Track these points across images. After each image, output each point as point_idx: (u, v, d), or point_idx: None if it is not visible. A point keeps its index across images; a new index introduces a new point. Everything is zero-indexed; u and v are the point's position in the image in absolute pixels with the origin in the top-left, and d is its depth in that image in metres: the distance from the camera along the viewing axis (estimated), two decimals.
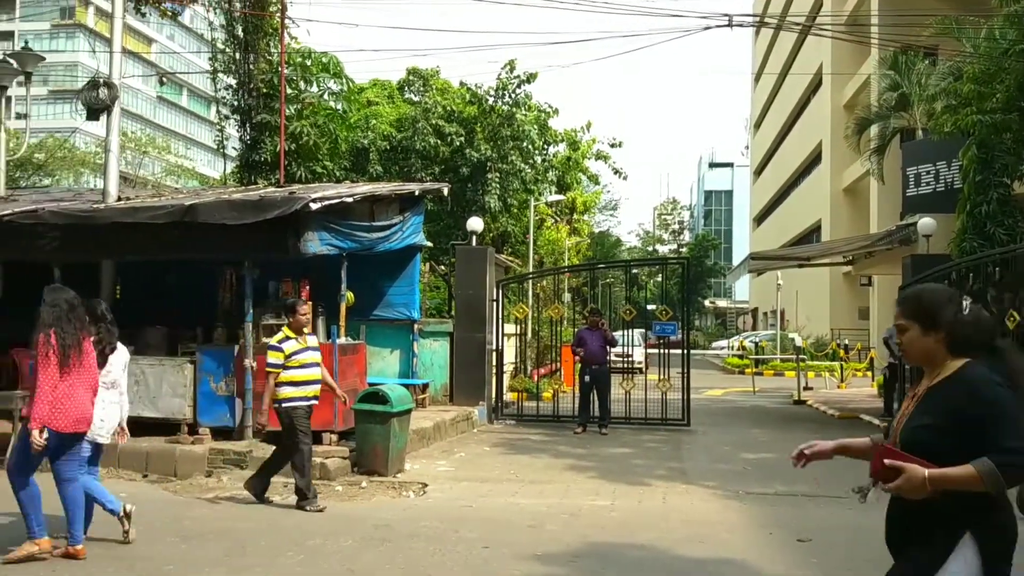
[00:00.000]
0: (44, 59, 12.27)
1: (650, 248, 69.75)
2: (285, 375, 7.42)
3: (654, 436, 12.39)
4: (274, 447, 8.73)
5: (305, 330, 7.75)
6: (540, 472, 9.43)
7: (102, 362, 6.18)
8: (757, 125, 55.73)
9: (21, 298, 11.50)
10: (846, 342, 26.50)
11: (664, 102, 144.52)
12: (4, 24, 60.54)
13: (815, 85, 36.43)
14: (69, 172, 37.70)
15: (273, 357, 7.44)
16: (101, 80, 9.88)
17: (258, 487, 7.66)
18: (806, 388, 19.77)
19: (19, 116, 35.99)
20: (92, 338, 6.04)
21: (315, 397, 7.67)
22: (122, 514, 6.10)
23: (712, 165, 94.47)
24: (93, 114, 9.98)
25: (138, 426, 9.34)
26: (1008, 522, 2.69)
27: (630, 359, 14.50)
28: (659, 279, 31.97)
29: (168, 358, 9.63)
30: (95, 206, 9.70)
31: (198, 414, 9.38)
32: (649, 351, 18.58)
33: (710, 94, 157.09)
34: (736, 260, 65.35)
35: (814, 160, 37.66)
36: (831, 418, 15.46)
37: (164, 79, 47.88)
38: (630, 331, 14.85)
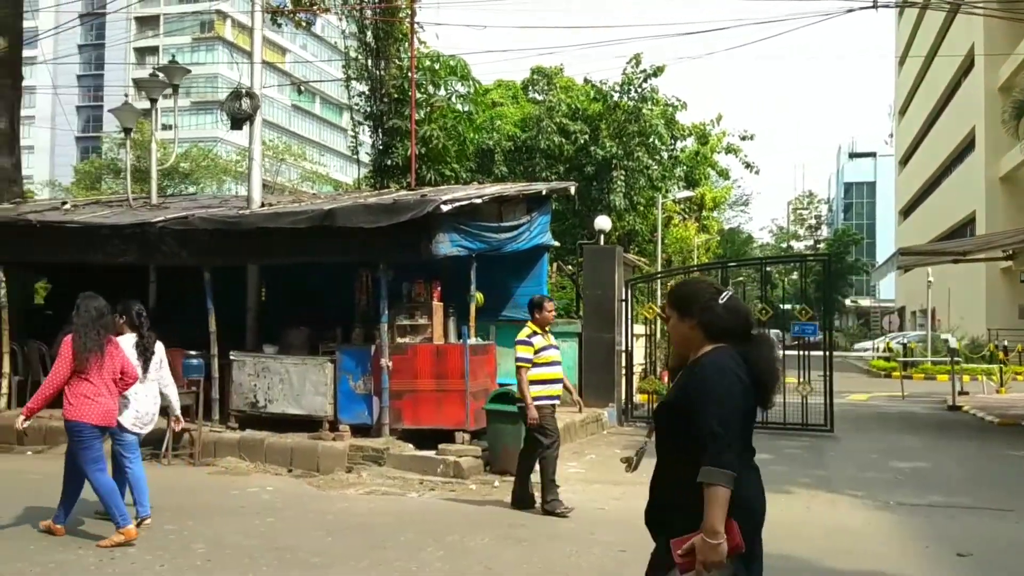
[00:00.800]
0: (190, 71, 13.00)
1: (784, 245, 67.04)
2: (530, 373, 7.21)
3: (794, 442, 11.82)
4: (411, 444, 8.91)
5: (547, 328, 7.55)
6: None
7: (146, 360, 6.63)
8: (902, 111, 52.57)
9: (171, 301, 12.32)
10: (1005, 343, 24.51)
11: (800, 90, 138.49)
12: (149, 40, 65.16)
13: (966, 67, 34.02)
14: (212, 180, 40.15)
15: (523, 351, 7.25)
16: (243, 91, 10.35)
17: (524, 497, 7.41)
18: (961, 393, 18.38)
19: (165, 127, 38.50)
20: (134, 339, 6.62)
21: (559, 396, 7.46)
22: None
23: (853, 155, 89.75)
24: (236, 124, 10.47)
25: (283, 422, 9.81)
26: (748, 495, 2.86)
27: None
28: (794, 277, 30.70)
29: (310, 357, 9.98)
30: (241, 212, 10.19)
31: (338, 411, 9.67)
32: (786, 353, 17.79)
33: (850, 80, 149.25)
34: (880, 256, 61.86)
35: (966, 147, 35.22)
36: (991, 425, 14.31)
37: (301, 88, 50.17)
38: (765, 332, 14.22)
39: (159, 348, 6.87)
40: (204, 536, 6.34)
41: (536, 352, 7.23)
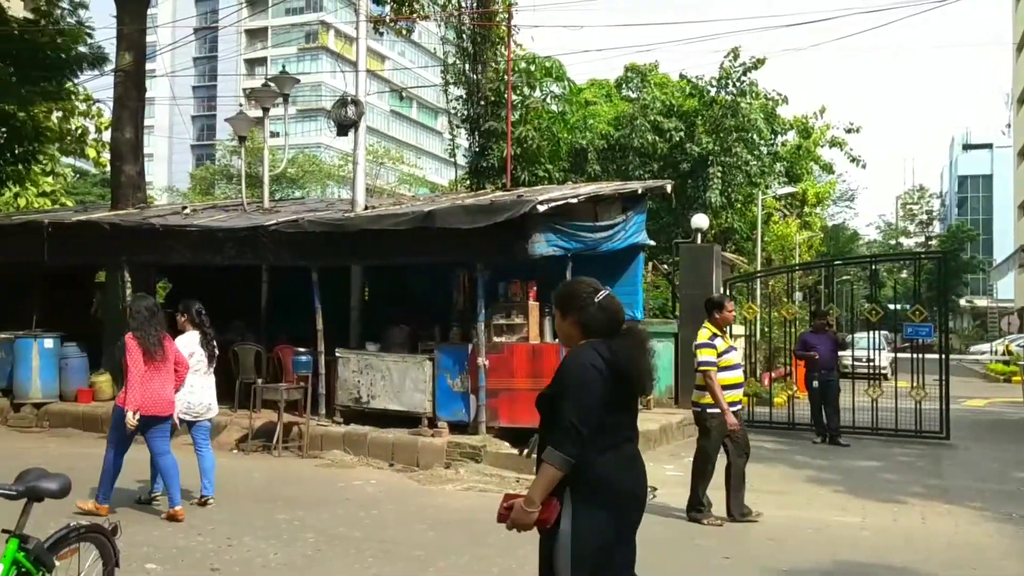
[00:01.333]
0: (299, 81, 13.55)
1: (892, 242, 64.07)
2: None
3: (907, 449, 11.34)
4: (507, 442, 9.02)
5: (726, 329, 7.24)
6: (777, 482, 8.95)
7: (210, 355, 7.27)
8: (1021, 100, 49.47)
9: (283, 302, 12.87)
10: None
11: (909, 80, 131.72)
12: (258, 52, 68.04)
13: None
14: (317, 184, 41.59)
15: (707, 354, 6.87)
16: (348, 98, 10.72)
17: (737, 507, 7.10)
18: None
19: (273, 135, 40.17)
20: (198, 336, 7.20)
21: (740, 401, 7.11)
22: (153, 498, 7.07)
23: (967, 147, 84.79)
24: (342, 130, 10.85)
25: (384, 417, 10.11)
26: (607, 473, 3.15)
27: (874, 364, 13.40)
28: (904, 276, 29.36)
29: (410, 355, 10.26)
30: (346, 214, 10.56)
31: (437, 408, 9.90)
32: (895, 355, 17.09)
33: (963, 69, 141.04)
34: (998, 253, 58.30)
35: None
36: None
37: (403, 94, 51.36)
38: (874, 333, 13.72)
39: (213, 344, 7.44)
40: (314, 526, 6.62)
41: (719, 355, 6.88)
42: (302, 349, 10.50)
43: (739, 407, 7.06)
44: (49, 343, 11.82)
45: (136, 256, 11.63)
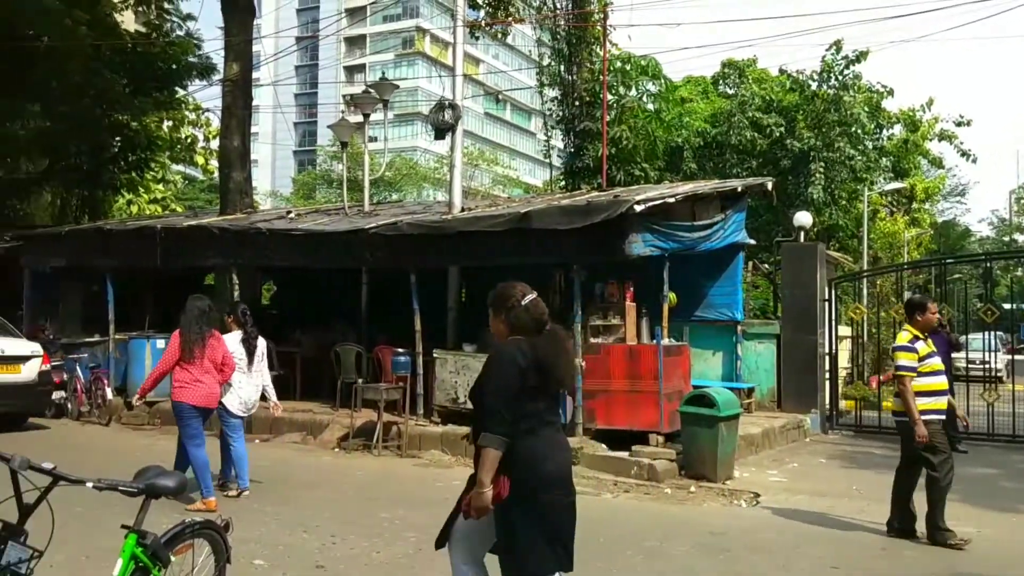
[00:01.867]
0: (398, 87, 13.83)
1: (1006, 238, 60.35)
2: (915, 383, 6.38)
3: None
4: (604, 444, 8.94)
5: (927, 333, 6.69)
6: (888, 490, 8.51)
7: (250, 353, 7.60)
8: None
9: (382, 303, 13.15)
10: None
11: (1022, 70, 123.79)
12: (356, 59, 69.88)
13: None
14: (413, 187, 42.39)
15: (906, 359, 6.44)
16: (446, 102, 10.86)
17: (904, 520, 6.66)
18: None
19: (370, 139, 41.23)
20: (239, 335, 7.55)
21: (945, 410, 6.55)
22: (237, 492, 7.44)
23: None
24: (440, 134, 11.01)
25: None
26: (532, 454, 3.48)
27: (989, 366, 12.67)
28: (1019, 273, 27.63)
29: None
30: (443, 217, 10.70)
31: None
32: (1011, 357, 16.10)
33: None
34: None
35: None
36: None
37: (499, 97, 51.88)
38: (989, 334, 12.94)
39: (261, 343, 7.79)
40: (415, 525, 6.69)
41: (920, 360, 6.44)
42: (401, 350, 10.70)
43: (943, 417, 6.48)
44: (161, 343, 12.37)
45: (243, 259, 12.11)
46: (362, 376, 11.12)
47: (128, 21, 20.24)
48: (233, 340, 7.52)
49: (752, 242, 13.18)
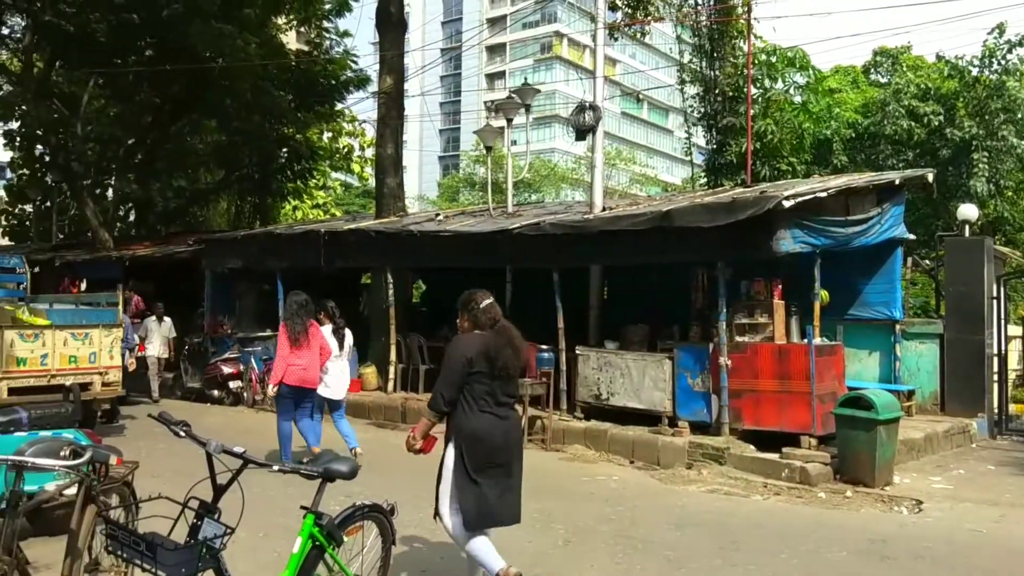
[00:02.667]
0: (540, 91, 14.12)
1: None
2: None
3: None
4: (752, 445, 8.81)
5: None
6: None
7: (340, 342, 8.89)
8: None
9: (526, 301, 13.43)
10: None
11: None
12: (496, 66, 71.26)
13: None
14: (552, 187, 42.82)
15: None
16: (587, 104, 11.01)
17: None
18: None
19: (511, 143, 42.04)
20: (331, 327, 8.81)
21: None
22: (353, 453, 8.31)
23: None
24: (580, 135, 11.17)
25: (623, 414, 10.26)
26: (475, 428, 4.47)
27: None
28: None
29: (649, 354, 10.32)
30: (585, 216, 10.85)
31: (676, 407, 9.88)
32: None
33: None
34: None
35: None
36: None
37: (639, 97, 51.52)
38: None
39: (348, 335, 9.15)
40: (562, 518, 6.89)
41: None
42: (544, 347, 10.93)
43: None
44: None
45: (397, 260, 12.74)
46: None
47: (291, 41, 21.77)
48: (326, 331, 8.76)
49: (912, 237, 12.50)
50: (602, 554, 5.98)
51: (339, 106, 21.54)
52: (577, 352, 10.74)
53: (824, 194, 9.47)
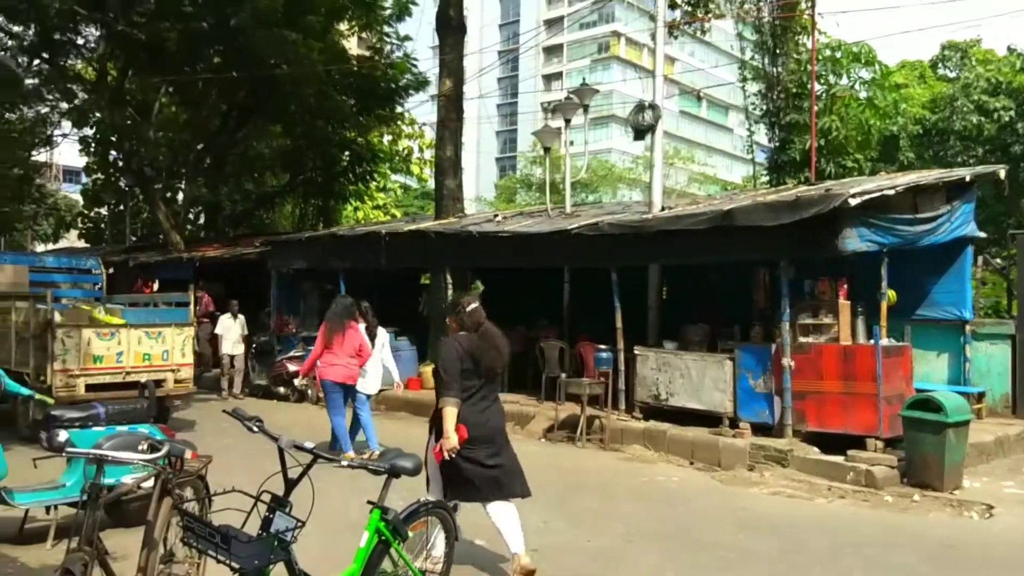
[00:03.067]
0: (598, 91, 14.10)
1: None
2: None
3: None
4: (815, 447, 8.66)
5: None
6: None
7: (372, 340, 9.28)
8: None
9: (584, 301, 13.46)
10: None
11: None
12: (554, 67, 71.18)
13: None
14: (608, 187, 42.64)
15: None
16: (646, 104, 10.96)
17: None
18: None
19: (570, 143, 41.98)
20: (363, 326, 9.23)
21: None
22: (378, 452, 8.57)
23: None
24: (639, 134, 11.13)
25: (683, 415, 10.19)
26: (466, 416, 4.90)
27: None
28: None
29: (709, 354, 10.23)
30: (643, 216, 10.81)
31: (738, 408, 9.76)
32: None
33: None
34: None
35: None
36: None
37: (700, 95, 50.89)
38: None
39: (381, 332, 9.63)
40: (621, 517, 6.90)
41: None
42: (603, 346, 10.95)
43: None
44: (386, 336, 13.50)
45: (456, 260, 12.90)
46: (565, 371, 11.49)
47: (352, 46, 22.19)
48: (361, 331, 9.24)
49: (982, 235, 12.11)
50: (662, 554, 5.96)
51: (399, 109, 21.86)
52: (636, 352, 10.70)
53: (892, 192, 9.25)
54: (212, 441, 9.32)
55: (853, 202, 8.59)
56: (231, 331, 14.20)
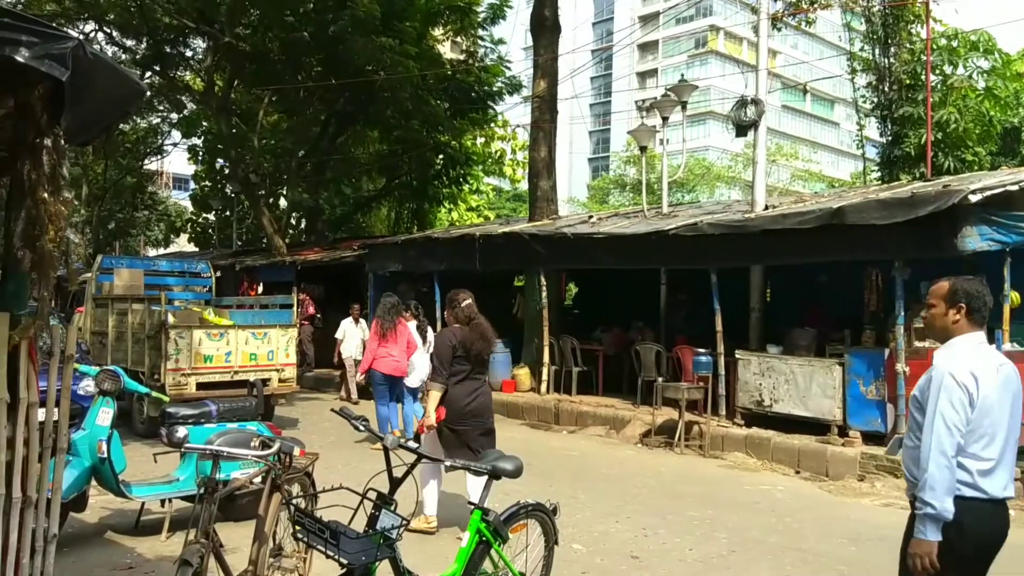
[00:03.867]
0: (697, 87, 13.75)
1: None
2: None
3: None
4: None
5: None
6: None
7: (423, 336, 9.88)
8: None
9: (679, 301, 13.15)
10: None
11: None
12: (648, 64, 70.20)
13: None
14: (706, 187, 41.73)
15: None
16: (749, 99, 10.61)
17: None
18: None
19: (661, 142, 41.30)
20: (415, 323, 9.88)
21: None
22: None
23: None
24: (741, 131, 10.78)
25: (787, 422, 9.81)
26: (457, 398, 5.87)
27: None
28: None
29: (816, 359, 9.81)
30: (746, 215, 10.46)
31: (847, 416, 9.32)
32: None
33: None
34: None
35: None
36: None
37: (807, 89, 49.28)
38: None
39: (429, 331, 10.21)
40: (725, 526, 6.67)
41: None
42: (702, 350, 10.65)
43: None
44: None
45: (550, 262, 12.81)
46: (662, 374, 11.25)
47: (446, 50, 22.45)
48: (411, 328, 9.75)
49: None
50: (769, 565, 5.73)
51: (492, 112, 21.97)
52: (737, 356, 10.36)
53: (1015, 187, 8.64)
54: (316, 439, 9.58)
55: (973, 198, 8.07)
56: (352, 336, 13.97)
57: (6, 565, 3.09)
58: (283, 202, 24.43)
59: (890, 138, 15.74)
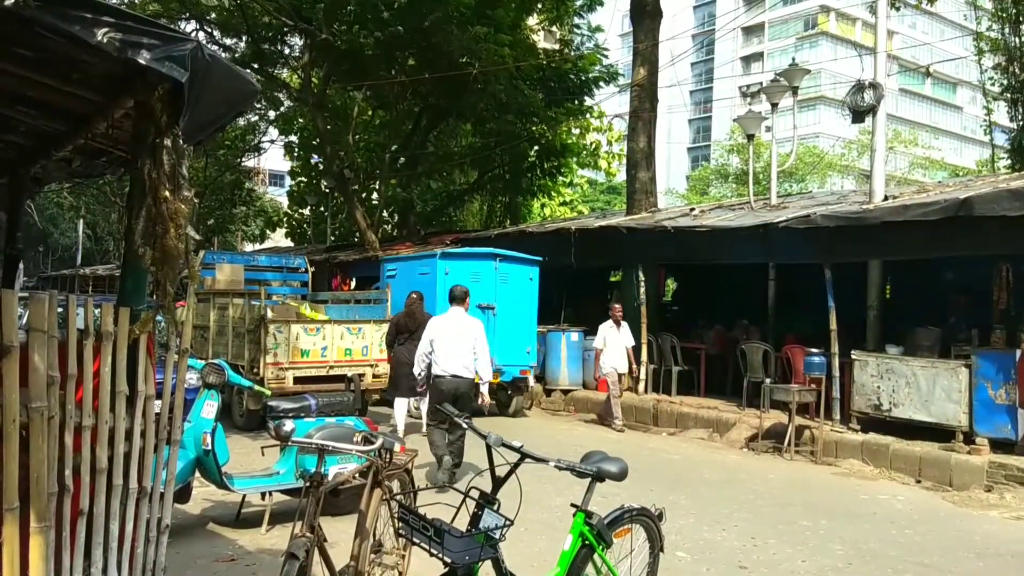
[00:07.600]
0: (809, 72, 13.06)
1: None
2: None
3: None
4: None
5: None
6: None
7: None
8: None
9: (790, 299, 12.56)
10: None
11: None
12: (754, 47, 67.76)
13: None
14: (817, 176, 40.00)
15: None
16: (866, 83, 9.99)
17: None
18: None
19: (766, 129, 39.76)
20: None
21: None
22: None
23: None
24: (858, 117, 10.17)
25: (907, 428, 9.20)
26: (399, 359, 9.43)
27: None
28: None
29: (940, 361, 9.14)
30: (864, 207, 9.84)
31: (974, 422, 8.66)
32: None
33: None
34: None
35: None
36: None
37: (928, 71, 46.64)
38: None
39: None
40: (840, 537, 6.26)
41: None
42: (814, 350, 10.10)
43: None
44: (575, 336, 13.29)
45: (649, 256, 12.46)
46: (769, 376, 10.75)
47: (540, 39, 22.18)
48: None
49: None
50: None
51: (588, 102, 21.60)
52: (853, 357, 9.76)
53: None
54: (409, 437, 9.61)
55: None
56: (613, 345, 11.38)
57: (121, 554, 3.14)
58: (376, 197, 24.75)
59: (1022, 123, 14.57)
